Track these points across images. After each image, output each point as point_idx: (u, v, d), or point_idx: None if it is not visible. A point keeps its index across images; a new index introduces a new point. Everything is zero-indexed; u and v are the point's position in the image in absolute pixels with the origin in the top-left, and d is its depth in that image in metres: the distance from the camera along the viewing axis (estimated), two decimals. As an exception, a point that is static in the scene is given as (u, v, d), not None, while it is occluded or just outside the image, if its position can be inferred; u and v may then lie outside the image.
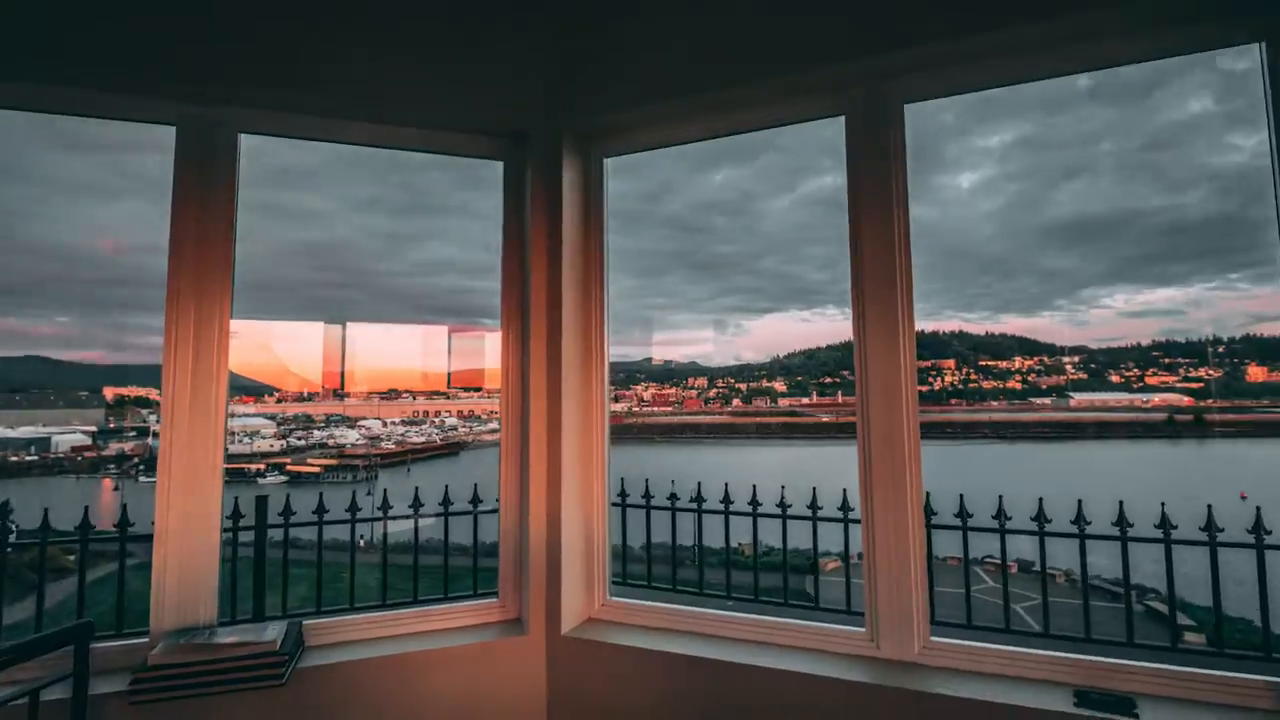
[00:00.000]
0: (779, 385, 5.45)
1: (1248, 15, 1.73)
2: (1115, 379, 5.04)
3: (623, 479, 2.85)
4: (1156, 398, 4.77)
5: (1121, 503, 2.32)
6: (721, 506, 2.76)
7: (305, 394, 4.20)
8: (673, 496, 2.83)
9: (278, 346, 3.66)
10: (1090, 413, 5.11)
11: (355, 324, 3.75)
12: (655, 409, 5.44)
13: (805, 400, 5.54)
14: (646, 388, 5.45)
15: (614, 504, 2.95)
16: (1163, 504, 2.29)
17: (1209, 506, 2.23)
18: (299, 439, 4.25)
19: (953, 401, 5.39)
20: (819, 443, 5.34)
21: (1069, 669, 1.79)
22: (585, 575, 2.29)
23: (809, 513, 2.66)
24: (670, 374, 5.75)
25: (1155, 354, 4.78)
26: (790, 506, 2.70)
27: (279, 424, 4.23)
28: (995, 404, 5.34)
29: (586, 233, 2.40)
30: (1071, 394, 5.23)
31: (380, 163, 2.57)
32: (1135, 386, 4.90)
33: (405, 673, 2.05)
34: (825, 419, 5.60)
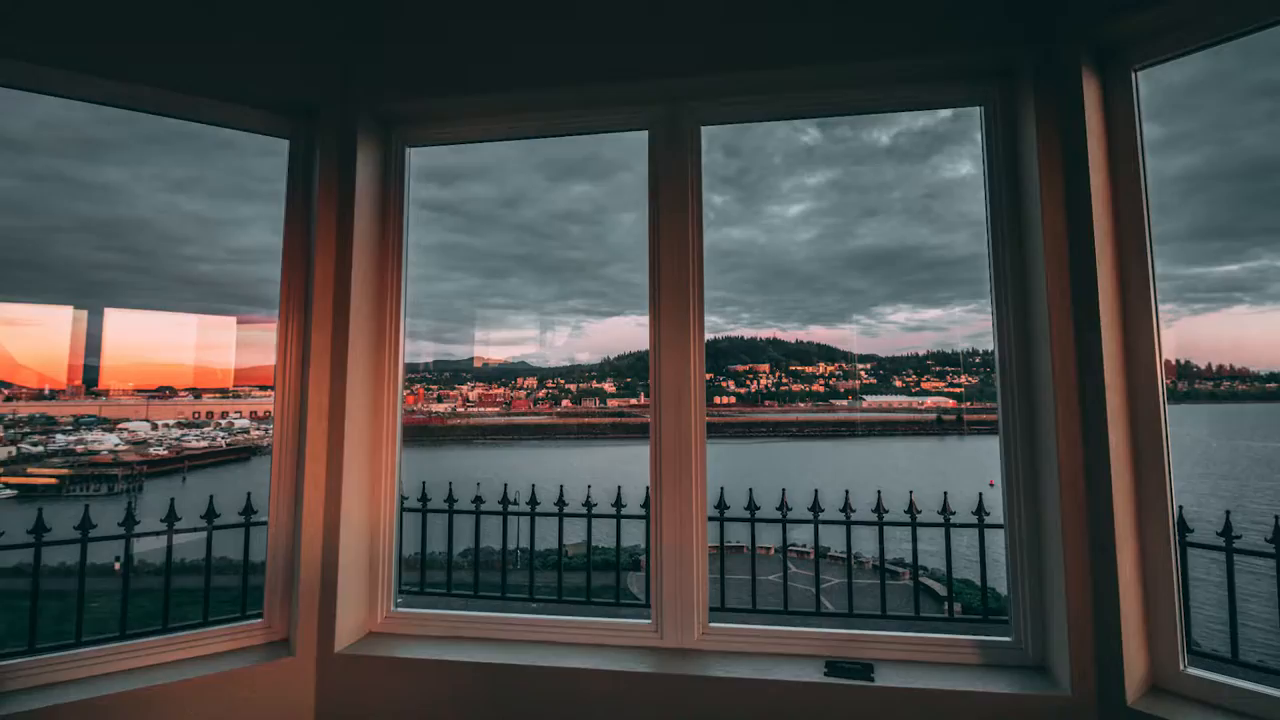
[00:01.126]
0: (609, 386, 5.54)
1: (972, 81, 2.03)
2: (898, 384, 5.72)
3: (424, 482, 2.72)
4: (929, 400, 5.49)
5: (880, 492, 2.62)
6: (528, 508, 2.73)
7: (46, 391, 3.53)
8: (478, 500, 2.75)
9: (5, 334, 3.06)
10: (878, 413, 5.72)
11: (118, 310, 3.24)
12: (483, 409, 5.29)
13: (634, 401, 5.68)
14: (473, 387, 5.28)
15: (413, 509, 2.81)
16: (910, 491, 2.61)
17: (945, 493, 2.59)
18: (34, 444, 3.55)
19: (766, 403, 5.80)
20: (646, 443, 5.49)
21: (825, 643, 1.98)
22: (368, 586, 2.15)
23: (614, 511, 2.72)
24: (500, 374, 5.63)
25: (929, 363, 5.53)
26: (596, 505, 2.74)
27: (6, 426, 3.51)
28: (802, 405, 5.83)
29: (384, 221, 2.26)
30: (864, 397, 5.84)
31: (203, 142, 2.27)
32: (913, 390, 5.60)
33: (143, 710, 1.78)
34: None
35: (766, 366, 5.64)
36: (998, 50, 1.93)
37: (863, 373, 5.57)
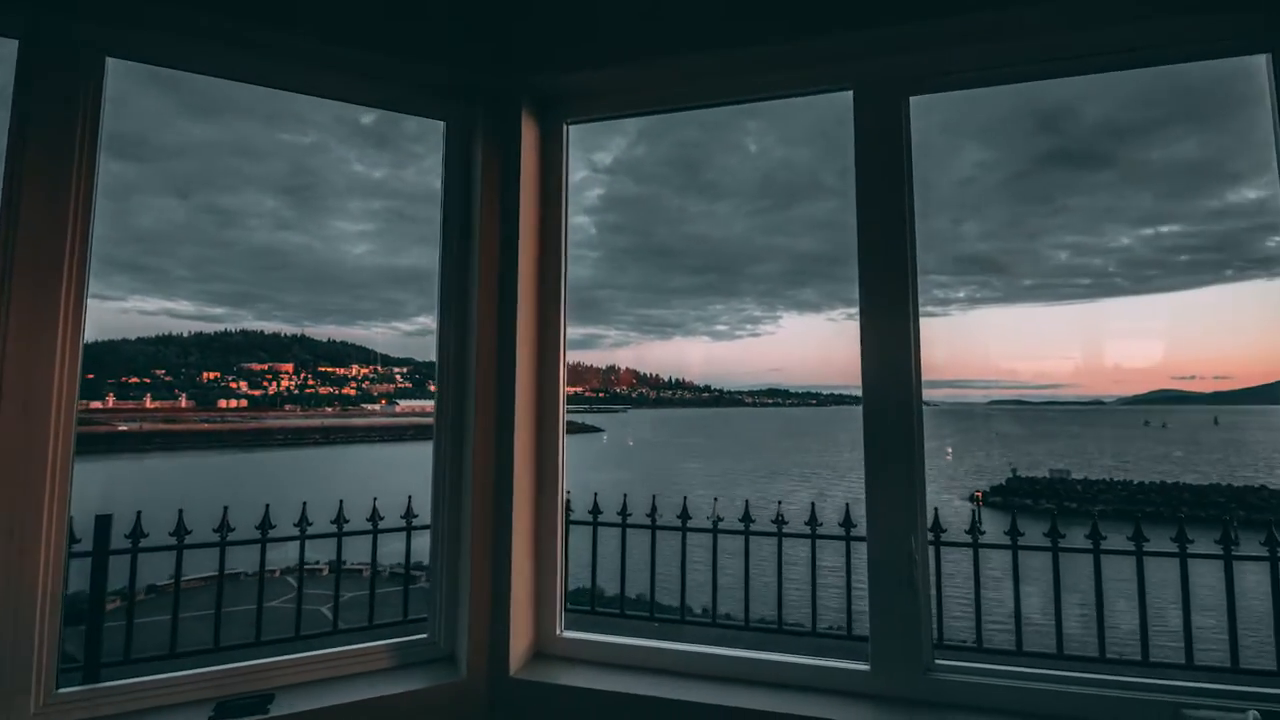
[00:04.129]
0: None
1: (438, 97, 2.11)
2: (432, 388, 5.85)
3: None
4: (464, 404, 5.78)
5: (341, 501, 2.54)
6: None
7: None
8: None
9: None
10: (412, 417, 5.74)
11: None
12: None
13: (97, 404, 4.48)
14: None
15: None
16: (410, 497, 2.59)
17: (409, 497, 2.66)
18: None
19: (288, 407, 5.28)
20: (108, 458, 4.42)
21: (219, 682, 1.75)
22: None
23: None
24: None
25: (465, 368, 5.84)
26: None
27: None
28: (330, 409, 5.49)
29: None
30: (399, 400, 5.80)
31: None
32: (449, 395, 5.81)
33: None
34: (124, 428, 4.71)
35: (290, 366, 5.13)
36: (458, 72, 2.03)
37: (399, 376, 5.53)
